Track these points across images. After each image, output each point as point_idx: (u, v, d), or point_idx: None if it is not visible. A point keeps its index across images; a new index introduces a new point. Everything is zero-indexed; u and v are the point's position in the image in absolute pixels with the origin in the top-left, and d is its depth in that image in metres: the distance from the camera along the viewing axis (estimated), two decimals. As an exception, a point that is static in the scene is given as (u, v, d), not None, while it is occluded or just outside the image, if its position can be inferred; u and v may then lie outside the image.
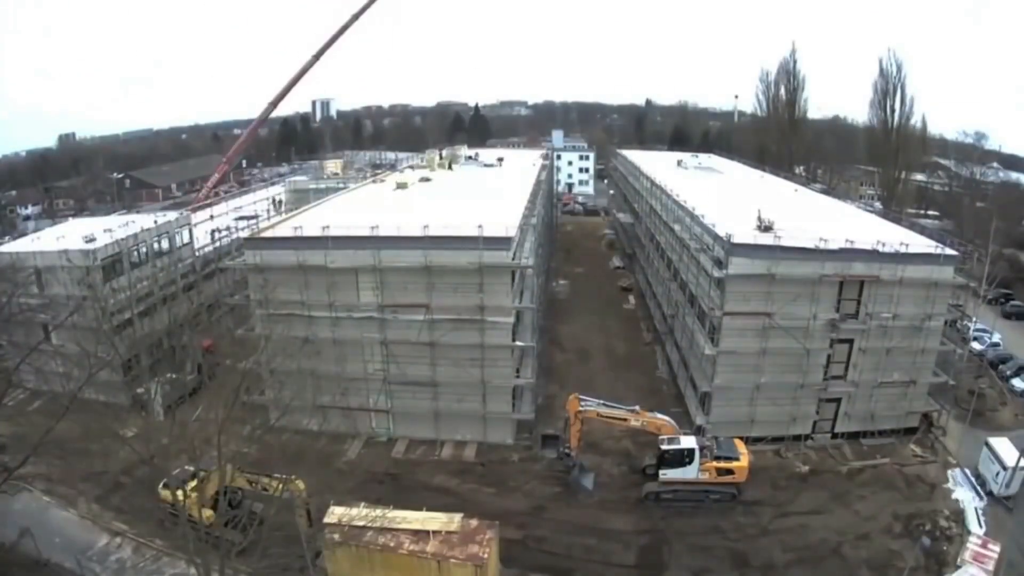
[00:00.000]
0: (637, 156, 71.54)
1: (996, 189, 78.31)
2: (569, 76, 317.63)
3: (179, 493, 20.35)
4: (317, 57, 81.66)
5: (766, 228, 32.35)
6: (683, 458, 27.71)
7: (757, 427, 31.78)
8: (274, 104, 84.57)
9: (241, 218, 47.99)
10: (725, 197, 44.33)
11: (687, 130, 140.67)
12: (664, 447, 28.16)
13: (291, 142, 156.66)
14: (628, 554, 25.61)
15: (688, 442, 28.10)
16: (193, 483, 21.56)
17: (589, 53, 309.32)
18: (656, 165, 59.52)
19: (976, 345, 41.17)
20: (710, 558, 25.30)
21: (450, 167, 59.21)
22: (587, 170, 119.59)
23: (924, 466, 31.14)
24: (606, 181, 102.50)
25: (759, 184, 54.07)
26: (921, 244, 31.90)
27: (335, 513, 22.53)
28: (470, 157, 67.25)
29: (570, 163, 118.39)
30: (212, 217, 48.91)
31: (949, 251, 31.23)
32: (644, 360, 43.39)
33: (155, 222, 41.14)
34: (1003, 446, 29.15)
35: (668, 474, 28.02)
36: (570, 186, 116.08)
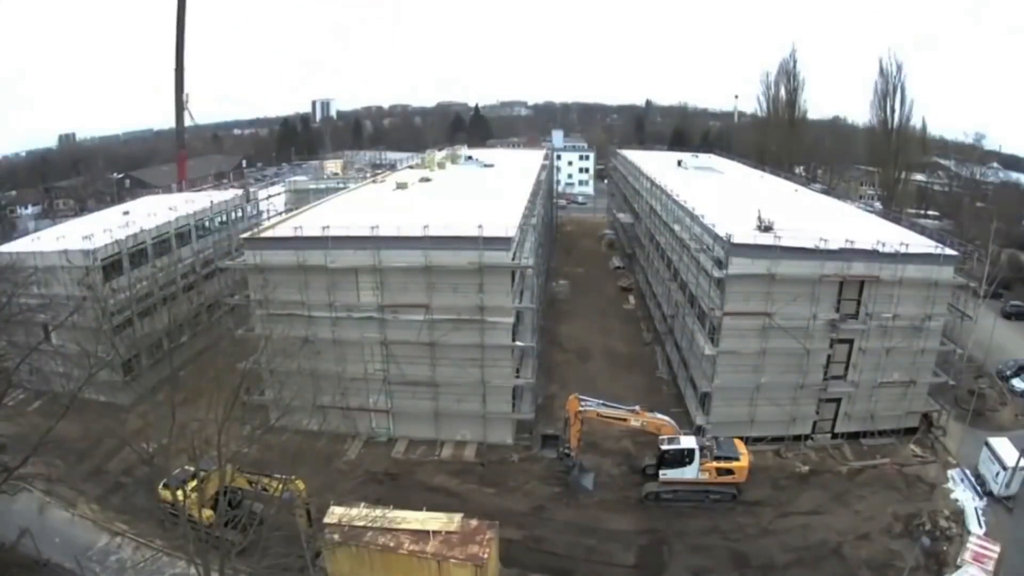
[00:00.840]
0: (637, 156, 71.48)
1: (996, 189, 78.35)
2: (569, 76, 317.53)
3: (179, 493, 20.35)
4: None
5: (766, 228, 32.34)
6: (683, 458, 27.71)
7: (757, 427, 31.79)
8: None
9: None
10: (725, 197, 44.33)
11: (687, 130, 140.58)
12: (664, 447, 28.17)
13: (291, 142, 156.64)
14: (628, 554, 25.62)
15: (688, 442, 28.10)
16: (193, 483, 21.56)
17: (589, 53, 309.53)
18: (656, 165, 59.51)
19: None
20: (710, 558, 25.31)
21: (442, 167, 59.07)
22: (587, 170, 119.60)
23: (924, 466, 31.15)
24: (606, 181, 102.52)
25: (759, 184, 54.07)
26: (921, 244, 31.91)
27: (335, 513, 22.55)
28: (469, 157, 67.20)
29: (570, 163, 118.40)
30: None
31: (949, 251, 31.25)
32: (644, 360, 43.39)
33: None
34: (1003, 446, 29.15)
35: (668, 474, 28.03)
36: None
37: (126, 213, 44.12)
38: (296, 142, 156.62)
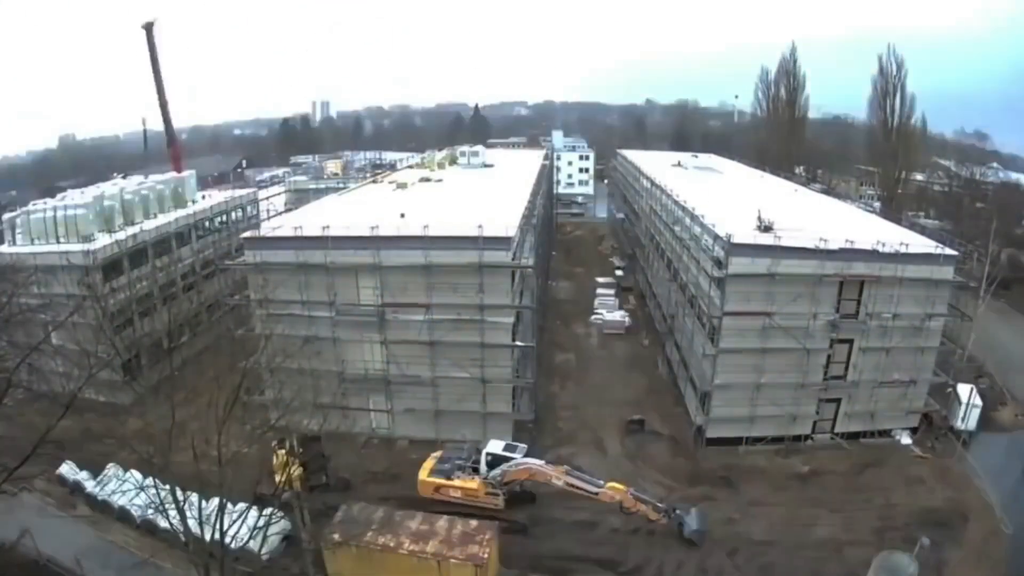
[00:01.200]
0: (637, 156, 71.51)
1: (996, 189, 78.23)
2: (569, 76, 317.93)
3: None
4: None
5: (766, 228, 32.34)
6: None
7: (757, 427, 31.79)
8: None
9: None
10: (725, 197, 44.29)
11: (687, 130, 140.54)
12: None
13: (291, 142, 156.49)
14: (623, 552, 25.47)
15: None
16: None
17: (589, 53, 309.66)
18: (656, 165, 59.53)
19: None
20: (708, 558, 25.24)
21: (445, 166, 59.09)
22: (587, 170, 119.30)
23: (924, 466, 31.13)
24: (606, 181, 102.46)
25: (759, 184, 54.07)
26: (921, 244, 31.90)
27: (335, 513, 22.55)
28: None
29: (570, 163, 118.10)
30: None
31: (949, 251, 31.25)
32: (644, 360, 43.40)
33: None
34: (964, 390, 33.89)
35: None
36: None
37: None
38: (296, 142, 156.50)
